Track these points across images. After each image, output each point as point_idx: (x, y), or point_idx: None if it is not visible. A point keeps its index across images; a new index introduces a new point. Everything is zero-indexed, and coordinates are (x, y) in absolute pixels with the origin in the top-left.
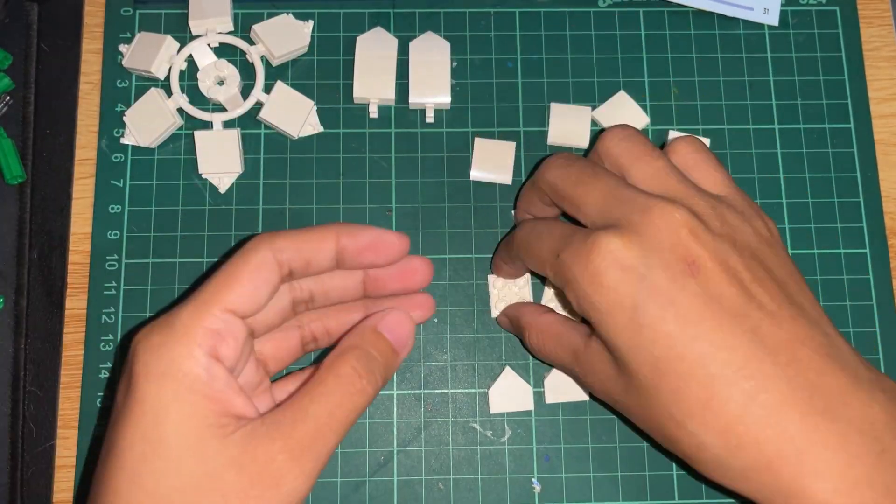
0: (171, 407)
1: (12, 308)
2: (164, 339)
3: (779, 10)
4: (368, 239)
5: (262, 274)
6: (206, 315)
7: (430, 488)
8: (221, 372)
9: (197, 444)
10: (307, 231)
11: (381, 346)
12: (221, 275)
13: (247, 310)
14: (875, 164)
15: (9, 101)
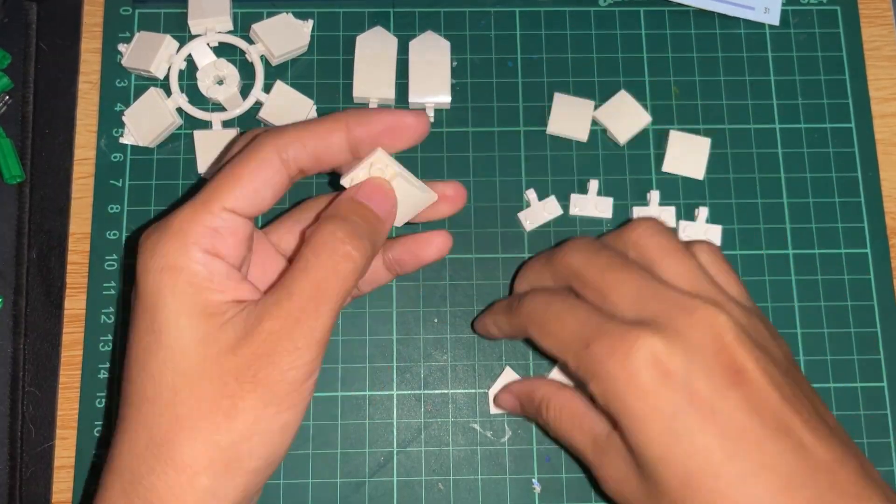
0: (169, 299)
1: (11, 308)
2: (161, 237)
3: (780, 9)
4: (383, 124)
5: (264, 173)
6: (204, 213)
7: (430, 489)
8: (221, 267)
9: (196, 331)
10: (314, 123)
11: (362, 212)
12: (222, 174)
13: (248, 210)
14: (876, 163)
15: (8, 100)
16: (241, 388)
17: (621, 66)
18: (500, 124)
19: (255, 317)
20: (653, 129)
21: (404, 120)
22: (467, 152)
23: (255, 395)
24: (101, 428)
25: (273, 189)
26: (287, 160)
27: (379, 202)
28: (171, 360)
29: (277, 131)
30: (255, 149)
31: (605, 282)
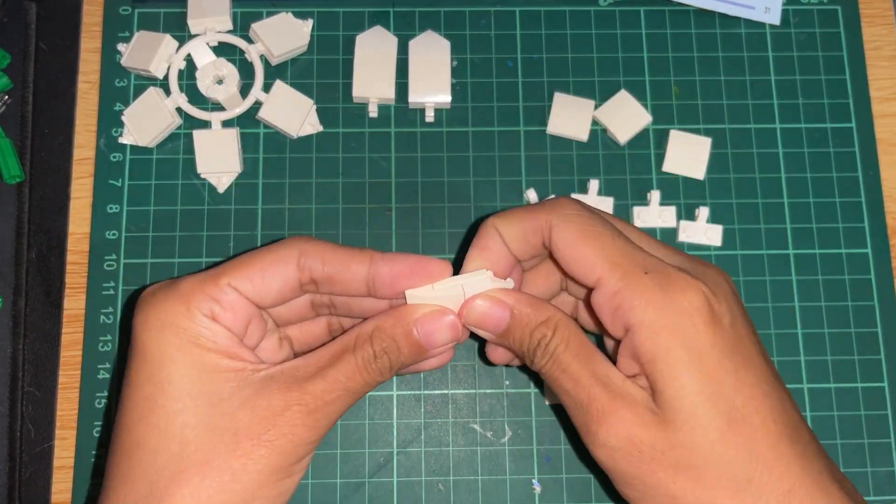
0: (175, 354)
1: (10, 308)
2: (165, 297)
3: (780, 9)
4: (407, 266)
5: (276, 267)
6: (210, 283)
7: (430, 489)
8: (223, 331)
9: (208, 385)
10: (343, 248)
11: (409, 341)
12: (241, 257)
13: (251, 293)
14: (876, 163)
15: (7, 100)
16: (254, 450)
17: (621, 65)
18: (500, 124)
19: (280, 383)
20: (653, 128)
21: (428, 266)
22: (467, 152)
23: (267, 461)
24: (101, 428)
25: (281, 283)
26: (304, 266)
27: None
28: (180, 413)
29: (307, 238)
30: (282, 243)
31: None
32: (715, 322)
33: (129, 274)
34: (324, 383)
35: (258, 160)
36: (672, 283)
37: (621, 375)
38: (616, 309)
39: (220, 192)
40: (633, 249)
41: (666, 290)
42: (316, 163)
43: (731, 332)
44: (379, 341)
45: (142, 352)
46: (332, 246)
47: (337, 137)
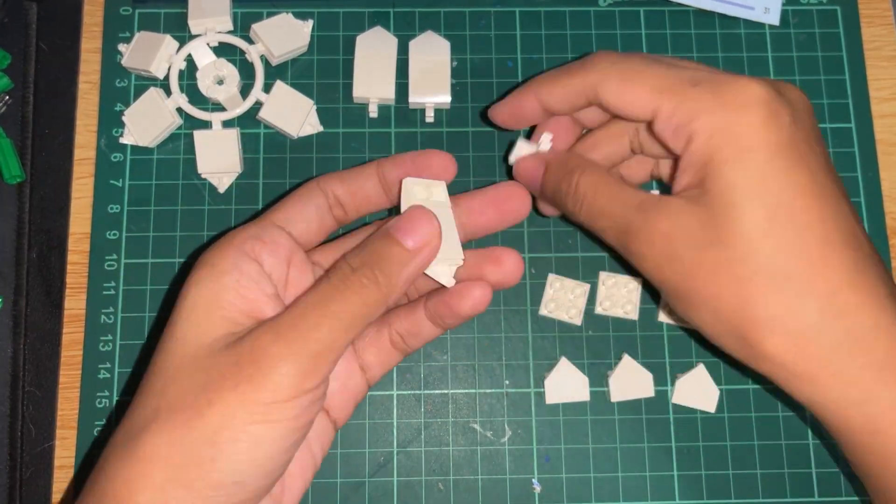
0: (193, 291)
1: (11, 308)
2: (213, 245)
3: (780, 9)
4: (410, 164)
5: (305, 197)
6: (253, 226)
7: (430, 489)
8: (254, 269)
9: (204, 329)
10: (350, 168)
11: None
12: (274, 205)
13: (293, 225)
14: (876, 163)
15: (8, 100)
16: (221, 383)
17: None
18: None
19: (260, 328)
20: None
21: (430, 159)
22: (467, 152)
23: (233, 395)
24: (102, 428)
25: (316, 210)
26: (326, 190)
27: (410, 232)
28: (173, 350)
29: (322, 175)
30: (302, 185)
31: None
32: (772, 118)
33: (130, 274)
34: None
35: (258, 160)
36: (724, 84)
37: (656, 195)
38: (675, 129)
39: (221, 192)
40: (675, 70)
41: (717, 93)
42: (316, 163)
43: (790, 131)
44: (354, 253)
45: (182, 293)
46: (344, 170)
47: (337, 138)
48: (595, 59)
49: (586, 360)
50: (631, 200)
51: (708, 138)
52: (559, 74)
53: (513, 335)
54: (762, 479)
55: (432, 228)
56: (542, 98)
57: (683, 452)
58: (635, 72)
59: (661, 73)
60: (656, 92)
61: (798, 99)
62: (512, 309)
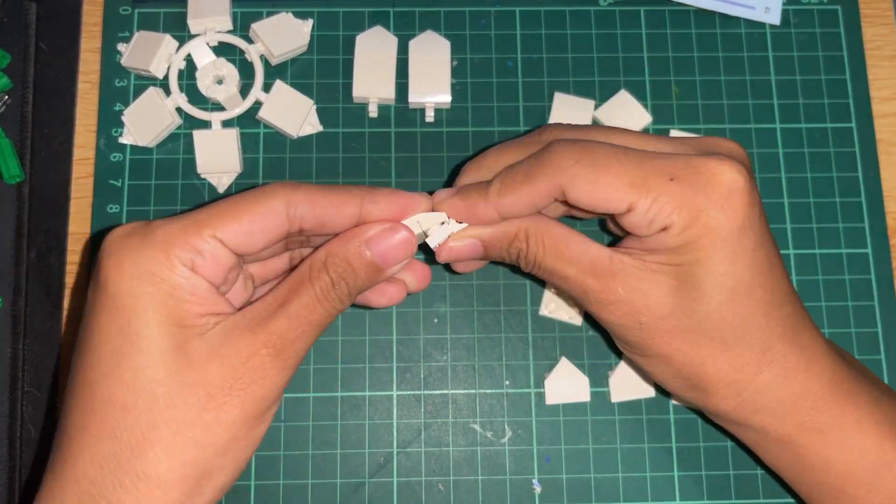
0: (148, 304)
1: (10, 308)
2: (142, 243)
3: (780, 9)
4: (397, 206)
5: (265, 221)
6: (193, 234)
7: (430, 489)
8: (201, 283)
9: (179, 339)
10: (330, 189)
11: (363, 261)
12: (224, 203)
13: (236, 245)
14: (877, 163)
15: (7, 100)
16: (226, 401)
17: (621, 65)
18: (500, 124)
19: (244, 329)
20: (653, 128)
21: (418, 204)
22: (467, 152)
23: (239, 410)
24: None
25: (267, 237)
26: (293, 216)
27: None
28: (149, 367)
29: (292, 186)
30: (266, 193)
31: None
32: (745, 206)
33: None
34: (287, 321)
35: (258, 160)
36: (701, 177)
37: (606, 254)
38: (651, 222)
39: (221, 191)
40: (648, 162)
41: (697, 188)
42: (316, 163)
43: (755, 210)
44: (333, 267)
45: (112, 301)
46: (320, 190)
47: (337, 137)
48: (555, 157)
49: (586, 360)
50: (584, 262)
51: (685, 229)
52: (517, 180)
53: (513, 335)
54: (762, 479)
55: (408, 247)
56: (504, 210)
57: (683, 453)
58: (604, 168)
59: (632, 166)
60: (631, 188)
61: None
62: (512, 309)
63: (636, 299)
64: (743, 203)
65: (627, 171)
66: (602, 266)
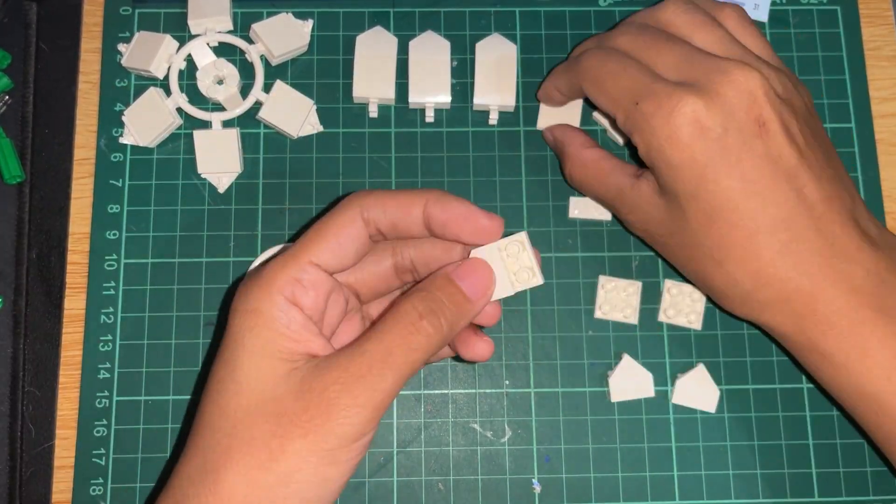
0: (248, 337)
1: (11, 308)
2: (252, 284)
3: (768, 6)
4: (457, 212)
5: (347, 230)
6: (292, 265)
7: (430, 489)
8: (299, 316)
9: (267, 372)
10: (398, 193)
11: (449, 290)
12: (311, 231)
13: (332, 263)
14: (876, 163)
15: (7, 100)
16: (292, 430)
17: None
18: (500, 124)
19: (323, 367)
20: None
21: (477, 217)
22: (467, 152)
23: (303, 442)
24: (102, 428)
25: (356, 245)
26: (368, 220)
27: (472, 284)
28: (238, 394)
29: (364, 193)
30: (341, 208)
31: (649, 55)
32: (697, 135)
33: (130, 274)
34: (361, 357)
35: (258, 160)
36: (661, 105)
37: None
38: (629, 135)
39: (221, 192)
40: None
41: (652, 114)
42: (316, 163)
43: (717, 144)
44: (420, 300)
45: (227, 335)
46: (390, 193)
47: (337, 138)
48: (582, 58)
49: (586, 360)
50: (612, 187)
51: (646, 152)
52: (563, 70)
53: (513, 335)
54: (762, 479)
55: (491, 281)
56: (559, 89)
57: (683, 452)
58: (601, 81)
59: (620, 84)
60: (612, 104)
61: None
62: (512, 309)
63: (648, 220)
64: (694, 137)
65: (616, 87)
66: (625, 191)
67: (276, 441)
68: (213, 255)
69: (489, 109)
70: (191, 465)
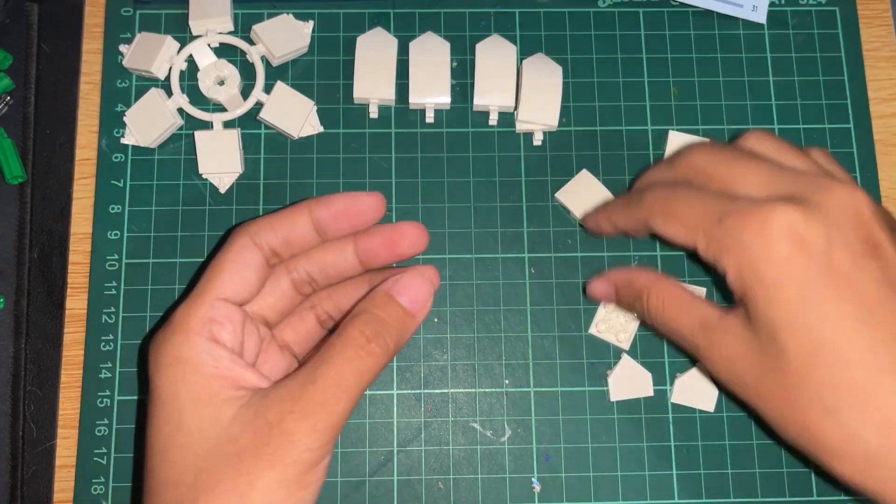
0: (181, 388)
1: (12, 308)
2: (166, 335)
3: (766, 8)
4: (341, 206)
5: (243, 257)
6: (199, 306)
7: (430, 488)
8: (224, 353)
9: (213, 414)
10: (281, 211)
11: (392, 309)
12: (209, 269)
13: (237, 294)
14: (875, 164)
15: (9, 101)
16: (256, 465)
17: (621, 66)
18: (500, 124)
19: (274, 399)
20: (652, 129)
21: (360, 200)
22: (467, 152)
23: (271, 475)
24: (104, 427)
25: (255, 271)
26: (261, 244)
27: (411, 298)
28: (190, 445)
29: (249, 222)
30: (231, 240)
31: (732, 172)
32: (798, 251)
33: (131, 274)
34: (313, 386)
35: (259, 161)
36: (750, 221)
37: (717, 313)
38: (713, 263)
39: (222, 192)
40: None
41: (741, 229)
42: (317, 163)
43: (824, 258)
44: (365, 322)
45: (156, 393)
46: (274, 214)
47: (337, 138)
48: (644, 195)
49: (585, 360)
50: (694, 319)
51: (736, 277)
52: (623, 204)
53: (513, 335)
54: (761, 478)
55: (429, 293)
56: (615, 223)
57: (682, 452)
58: (673, 210)
59: (696, 209)
60: (690, 230)
61: (839, 205)
62: (512, 309)
63: (737, 360)
64: (793, 251)
65: (691, 213)
66: (710, 325)
67: (242, 479)
68: None
69: (489, 110)
70: None
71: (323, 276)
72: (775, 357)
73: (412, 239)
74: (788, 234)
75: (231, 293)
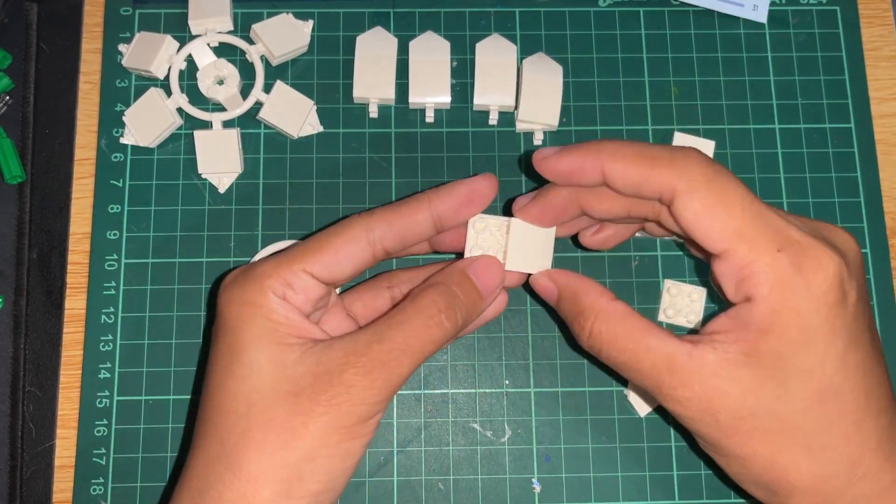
0: (250, 326)
1: (12, 308)
2: (244, 278)
3: (767, 7)
4: (462, 195)
5: (349, 248)
6: (285, 269)
7: (430, 488)
8: (293, 311)
9: (276, 354)
10: (400, 204)
11: (466, 286)
12: (313, 240)
13: (324, 276)
14: (875, 163)
15: (8, 100)
16: (313, 408)
17: (621, 66)
18: (500, 124)
19: (339, 350)
20: (653, 129)
21: (478, 186)
22: (467, 152)
23: (326, 419)
24: (103, 428)
25: (354, 264)
26: (374, 240)
27: (486, 281)
28: (249, 377)
29: (368, 213)
30: (345, 225)
31: None
32: (840, 303)
33: (130, 274)
34: (379, 345)
35: (259, 160)
36: (807, 260)
37: (685, 349)
38: (742, 281)
39: (221, 192)
40: (764, 219)
41: (799, 270)
42: (316, 163)
43: (852, 312)
44: (440, 294)
45: (224, 325)
46: (390, 206)
47: (337, 138)
48: (686, 161)
49: (586, 359)
50: (658, 357)
51: (772, 308)
52: (639, 155)
53: (513, 335)
54: None
55: (500, 279)
56: (609, 171)
57: (683, 452)
58: (725, 199)
59: (750, 214)
60: (737, 235)
61: (855, 254)
62: (512, 309)
63: (714, 397)
64: (838, 300)
65: (743, 217)
66: (679, 363)
67: (297, 419)
68: (214, 255)
69: (489, 109)
70: (206, 453)
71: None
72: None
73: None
74: (837, 285)
75: (318, 271)
